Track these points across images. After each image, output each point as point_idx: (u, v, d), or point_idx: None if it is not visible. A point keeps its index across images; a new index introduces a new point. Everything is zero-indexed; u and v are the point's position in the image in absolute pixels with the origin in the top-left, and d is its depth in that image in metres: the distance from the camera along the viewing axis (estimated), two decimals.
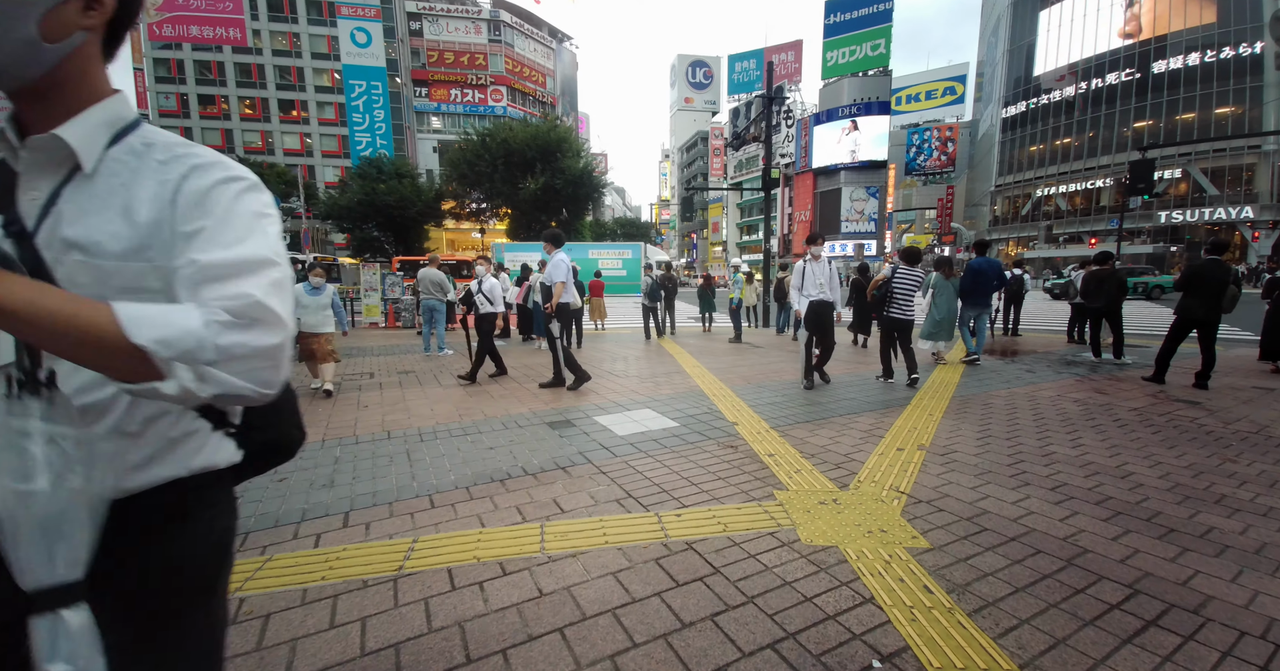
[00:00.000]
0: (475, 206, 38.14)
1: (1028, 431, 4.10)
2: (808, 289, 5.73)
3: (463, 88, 51.03)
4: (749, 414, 4.62)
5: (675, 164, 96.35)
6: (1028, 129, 45.57)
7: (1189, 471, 3.23)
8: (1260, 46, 31.05)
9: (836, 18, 56.23)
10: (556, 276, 5.51)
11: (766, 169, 13.50)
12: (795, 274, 5.83)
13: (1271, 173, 31.20)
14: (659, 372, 6.62)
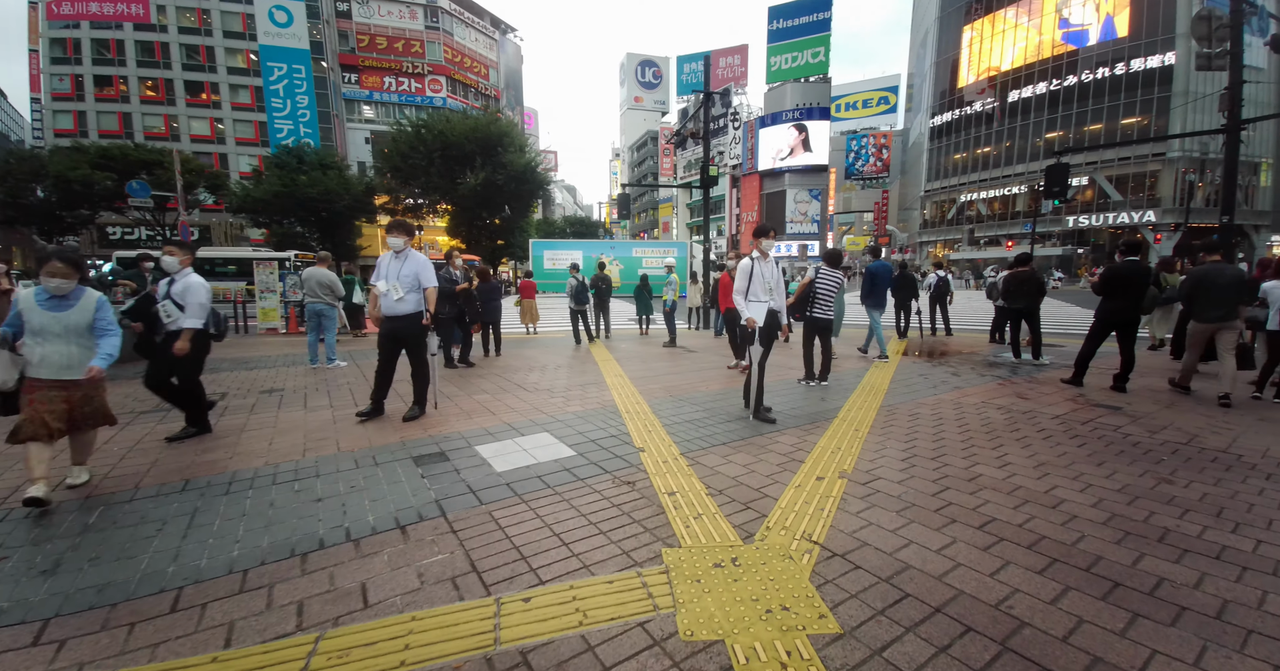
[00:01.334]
0: (412, 202, 35.97)
1: (953, 448, 3.77)
2: (755, 292, 4.59)
3: (398, 76, 48.18)
4: (660, 436, 4.06)
5: (626, 163, 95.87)
6: (953, 138, 48.32)
7: (1123, 496, 2.94)
8: (1171, 57, 33.93)
9: (779, 24, 57.62)
10: (426, 279, 4.58)
11: (705, 167, 13.14)
12: (740, 274, 4.62)
13: (1175, 179, 34.32)
14: (574, 385, 5.96)
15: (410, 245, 4.61)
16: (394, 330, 4.51)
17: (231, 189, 35.11)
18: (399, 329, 4.52)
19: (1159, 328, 8.32)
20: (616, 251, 29.88)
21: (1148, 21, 34.78)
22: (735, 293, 4.62)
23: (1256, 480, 3.13)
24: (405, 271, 4.52)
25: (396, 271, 4.49)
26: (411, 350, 4.63)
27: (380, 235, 49.09)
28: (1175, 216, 32.90)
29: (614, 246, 31.09)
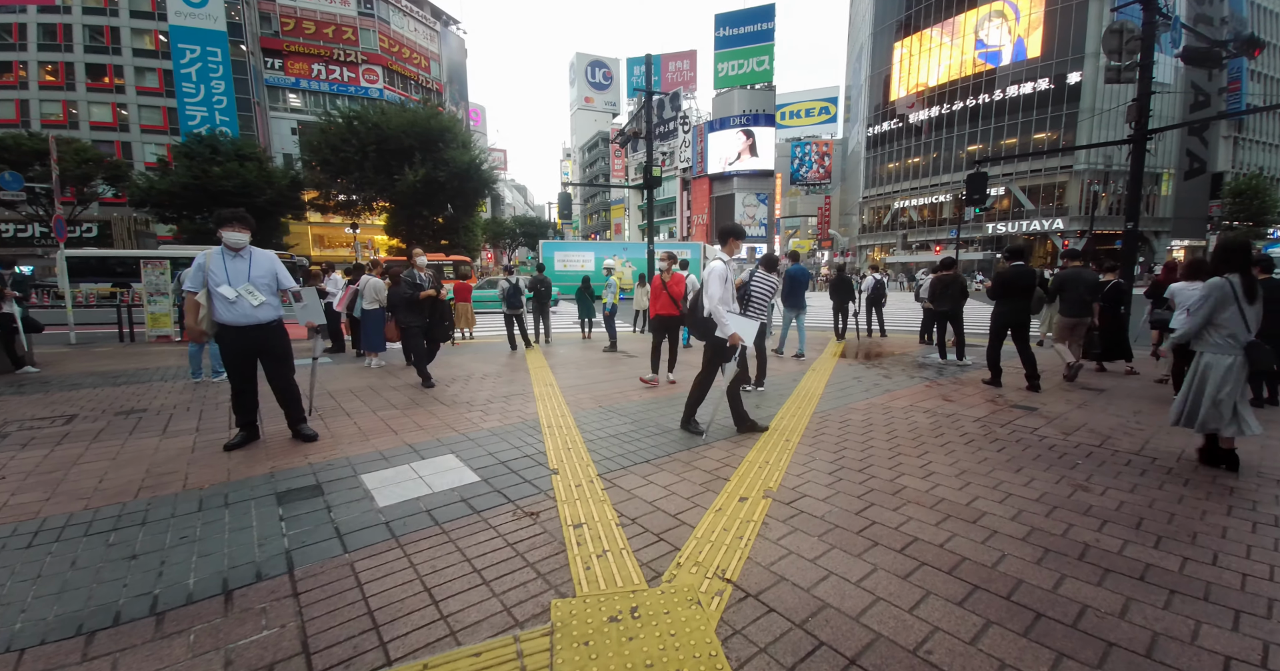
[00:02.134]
0: (345, 198, 33.73)
1: (880, 457, 3.65)
2: (727, 299, 4.00)
3: (328, 63, 45.21)
4: (580, 453, 3.71)
5: (577, 163, 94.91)
6: (887, 148, 50.94)
7: (1041, 507, 2.87)
8: (1079, 76, 37.08)
9: (725, 32, 58.78)
10: (286, 281, 4.00)
11: (648, 168, 12.93)
12: (716, 279, 3.93)
13: (1081, 189, 37.63)
14: (497, 396, 5.51)
15: None
16: (253, 342, 3.81)
17: (134, 180, 31.68)
18: (261, 340, 3.84)
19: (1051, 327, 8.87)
20: (629, 252, 29.01)
21: (1059, 43, 37.96)
22: (713, 300, 3.91)
23: (1174, 486, 3.16)
24: (259, 272, 3.84)
25: (244, 273, 3.78)
26: (277, 365, 3.97)
27: (311, 232, 46.07)
28: (1081, 224, 36.04)
29: (626, 247, 30.23)
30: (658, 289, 6.37)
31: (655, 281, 6.43)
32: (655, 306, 6.36)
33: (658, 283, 6.38)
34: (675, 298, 6.15)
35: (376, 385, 6.07)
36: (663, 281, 6.30)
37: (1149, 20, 8.05)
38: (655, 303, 6.36)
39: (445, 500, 2.91)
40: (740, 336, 3.85)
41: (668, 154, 65.72)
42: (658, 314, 6.33)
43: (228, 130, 36.92)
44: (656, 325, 6.39)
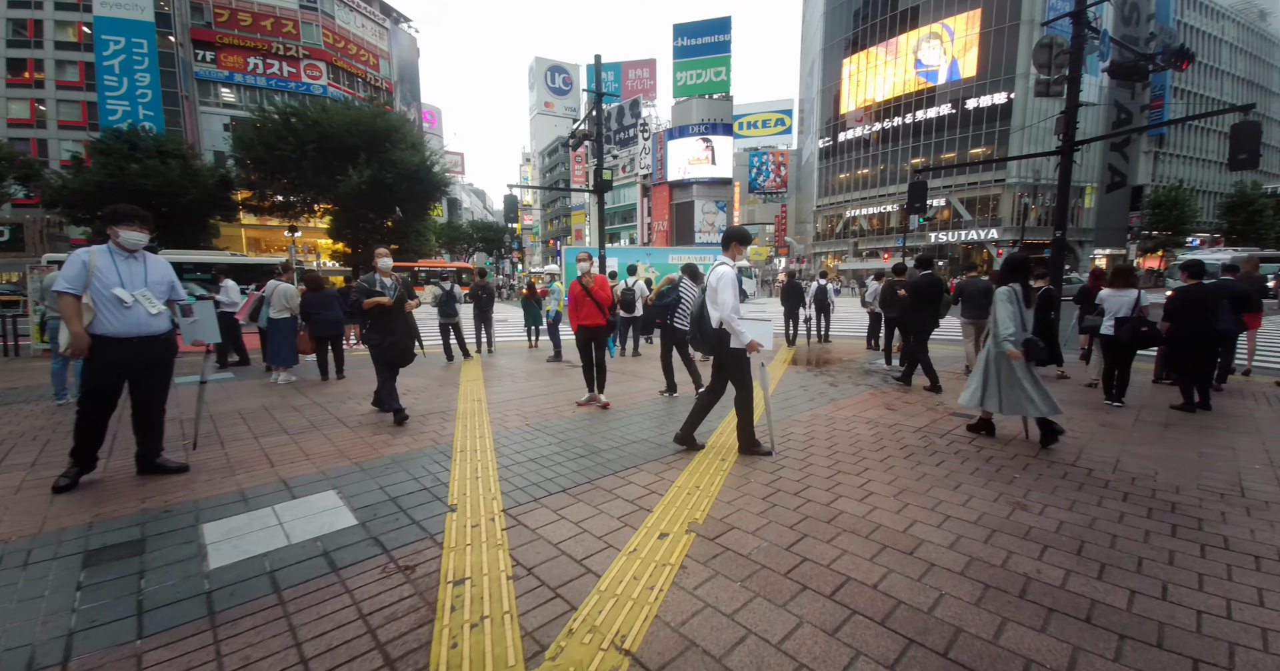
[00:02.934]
0: (281, 199, 31.67)
1: (818, 476, 3.39)
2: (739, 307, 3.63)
3: (266, 57, 42.75)
4: (490, 483, 3.27)
5: (537, 168, 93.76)
6: (838, 159, 52.77)
7: (980, 531, 2.65)
8: (1011, 95, 39.40)
9: (684, 42, 59.61)
10: (180, 291, 3.49)
11: (598, 170, 12.59)
12: (728, 286, 3.60)
13: (1013, 201, 39.94)
14: (415, 415, 4.97)
15: None
16: (139, 357, 3.23)
17: (46, 179, 28.71)
18: (150, 355, 3.28)
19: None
20: (652, 257, 28.50)
21: (992, 64, 40.35)
22: (725, 309, 3.57)
23: (1113, 502, 3.03)
24: (155, 277, 3.34)
25: (140, 276, 3.26)
26: (157, 385, 3.41)
27: (246, 235, 43.22)
28: (1014, 234, 38.23)
29: (650, 252, 29.59)
30: (578, 295, 5.27)
31: (574, 288, 5.29)
32: (578, 316, 5.33)
33: (577, 289, 5.29)
34: (601, 303, 5.25)
35: (275, 405, 5.39)
36: (584, 286, 5.26)
37: (1078, 34, 8.37)
38: (577, 312, 5.32)
39: (302, 554, 2.41)
40: (759, 343, 3.63)
41: (628, 161, 65.91)
42: (581, 325, 5.33)
43: (151, 125, 34.24)
44: (582, 338, 5.34)
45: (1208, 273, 5.62)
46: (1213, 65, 49.60)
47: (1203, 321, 4.98)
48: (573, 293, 5.33)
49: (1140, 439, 4.25)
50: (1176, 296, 5.19)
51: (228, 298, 7.22)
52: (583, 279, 5.32)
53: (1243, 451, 3.87)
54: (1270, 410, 5.14)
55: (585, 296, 5.25)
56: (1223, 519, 2.77)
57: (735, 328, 3.60)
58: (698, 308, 3.89)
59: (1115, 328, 5.18)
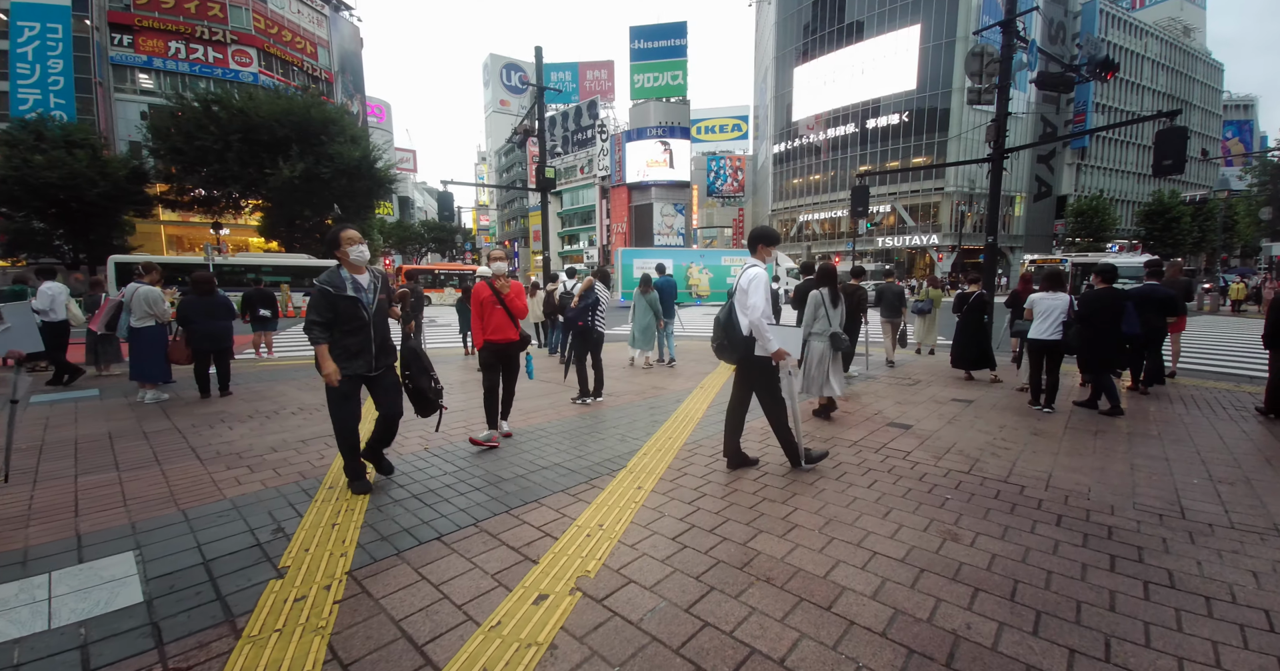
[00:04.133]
0: (202, 193, 29.12)
1: (740, 505, 3.02)
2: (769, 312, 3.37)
3: (189, 41, 39.61)
4: (347, 532, 2.70)
5: (493, 168, 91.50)
6: (792, 164, 54.01)
7: (907, 572, 2.32)
8: (948, 106, 41.25)
9: (640, 44, 59.64)
10: None
11: (541, 166, 12.01)
12: (759, 288, 3.35)
13: (950, 209, 41.93)
14: (293, 440, 4.30)
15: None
16: None
17: None
18: None
19: (926, 336, 9.21)
20: (706, 260, 27.66)
21: (930, 78, 42.27)
22: (755, 312, 3.32)
23: (1047, 527, 2.78)
24: None
25: None
26: None
27: (166, 233, 39.80)
28: (952, 239, 40.15)
29: (704, 255, 29.00)
30: (485, 301, 4.09)
31: (480, 292, 4.11)
32: (483, 328, 4.12)
33: (485, 293, 4.09)
34: (516, 314, 4.15)
35: (125, 431, 4.56)
36: (496, 291, 4.08)
37: (1007, 43, 8.52)
38: (483, 323, 4.12)
39: (55, 646, 1.80)
40: (786, 351, 3.39)
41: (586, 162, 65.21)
42: (488, 340, 4.11)
43: (62, 114, 31.05)
44: (488, 357, 4.14)
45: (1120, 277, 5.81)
46: (1134, 81, 53.80)
47: (1113, 324, 5.11)
48: (478, 298, 4.12)
49: (1071, 449, 4.12)
50: (1087, 300, 5.28)
51: (48, 304, 6.17)
52: (495, 281, 4.15)
53: (1176, 463, 3.78)
54: (1199, 414, 5.19)
55: (495, 303, 4.10)
56: (1165, 547, 2.56)
57: (764, 334, 3.34)
58: (725, 312, 3.57)
59: (1063, 332, 5.16)
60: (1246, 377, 7.39)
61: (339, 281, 3.06)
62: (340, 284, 3.06)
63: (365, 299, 3.11)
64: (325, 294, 3.02)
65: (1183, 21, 63.48)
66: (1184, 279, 7.10)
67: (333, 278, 3.07)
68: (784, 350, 3.38)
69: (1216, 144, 59.70)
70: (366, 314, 3.12)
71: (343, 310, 3.05)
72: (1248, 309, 20.30)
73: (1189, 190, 44.40)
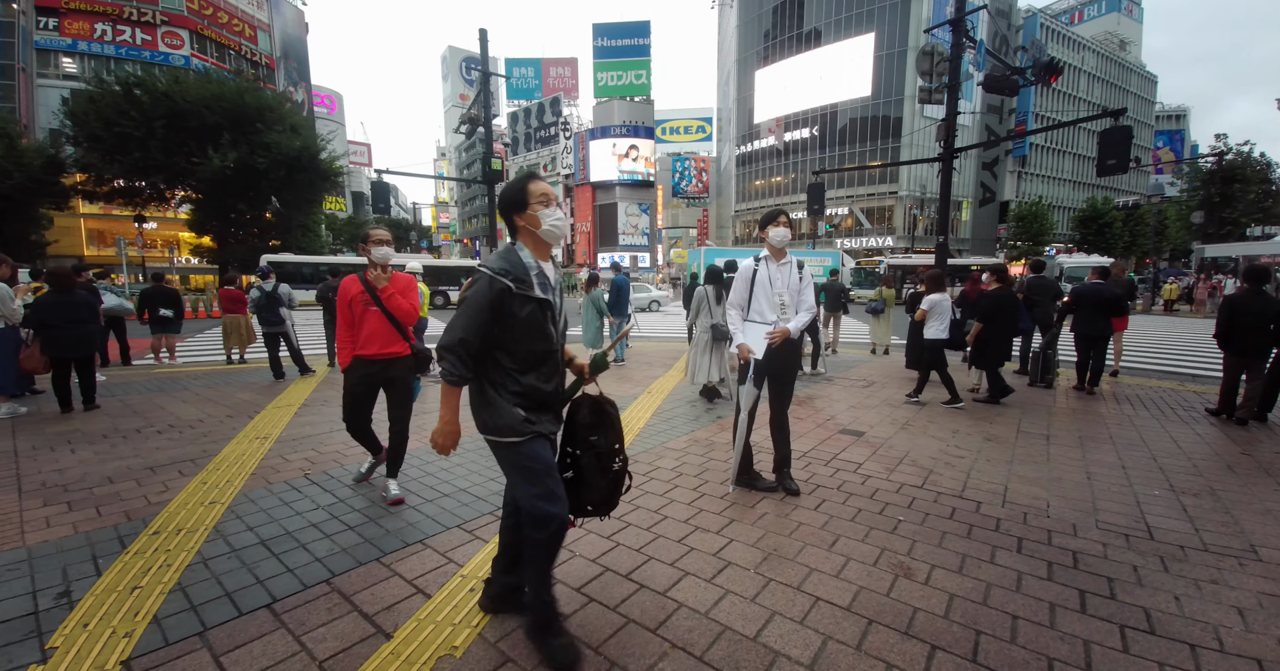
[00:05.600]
0: (122, 183, 26.65)
1: (668, 541, 2.56)
2: (761, 308, 3.06)
3: (116, 22, 36.57)
4: (149, 598, 2.09)
5: (453, 163, 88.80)
6: (754, 166, 54.64)
7: (853, 626, 1.91)
8: (900, 112, 42.48)
9: (604, 42, 59.09)
10: None
11: (486, 157, 11.33)
12: (739, 279, 3.14)
13: (903, 212, 43.27)
14: (139, 467, 3.58)
15: None
16: None
17: None
18: None
19: (881, 336, 9.16)
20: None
21: (884, 85, 43.51)
22: (729, 304, 3.19)
23: (1007, 554, 2.44)
24: None
25: None
26: None
27: (86, 227, 36.54)
28: (905, 241, 41.43)
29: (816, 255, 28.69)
30: (356, 301, 2.94)
31: (350, 287, 2.95)
32: (353, 340, 2.97)
33: (355, 289, 2.94)
34: (400, 318, 2.98)
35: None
36: (369, 287, 2.94)
37: (956, 42, 8.47)
38: (353, 332, 2.97)
39: None
40: (750, 349, 2.99)
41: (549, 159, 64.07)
42: (359, 357, 2.97)
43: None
44: (358, 379, 3.02)
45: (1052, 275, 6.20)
46: (1071, 93, 57.03)
47: (1009, 321, 5.59)
48: (345, 296, 2.93)
49: (1024, 456, 3.88)
50: (988, 299, 5.61)
51: None
52: (370, 275, 2.96)
53: (1134, 471, 3.57)
54: (1149, 415, 5.10)
55: (369, 304, 2.93)
56: (1136, 577, 2.25)
57: (732, 327, 3.16)
58: None
59: (950, 331, 5.55)
60: (1188, 376, 7.54)
61: (523, 271, 1.67)
62: (525, 275, 1.66)
63: (556, 306, 1.78)
64: (501, 290, 1.61)
65: (1120, 35, 67.78)
66: (1127, 278, 7.16)
67: (512, 263, 1.66)
68: (745, 346, 3.02)
69: (1149, 153, 64.00)
70: (555, 331, 1.78)
71: (524, 321, 1.65)
72: (1180, 308, 21.56)
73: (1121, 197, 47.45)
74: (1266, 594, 2.13)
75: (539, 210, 1.72)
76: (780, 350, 3.01)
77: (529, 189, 1.73)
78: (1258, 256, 19.74)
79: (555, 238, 1.77)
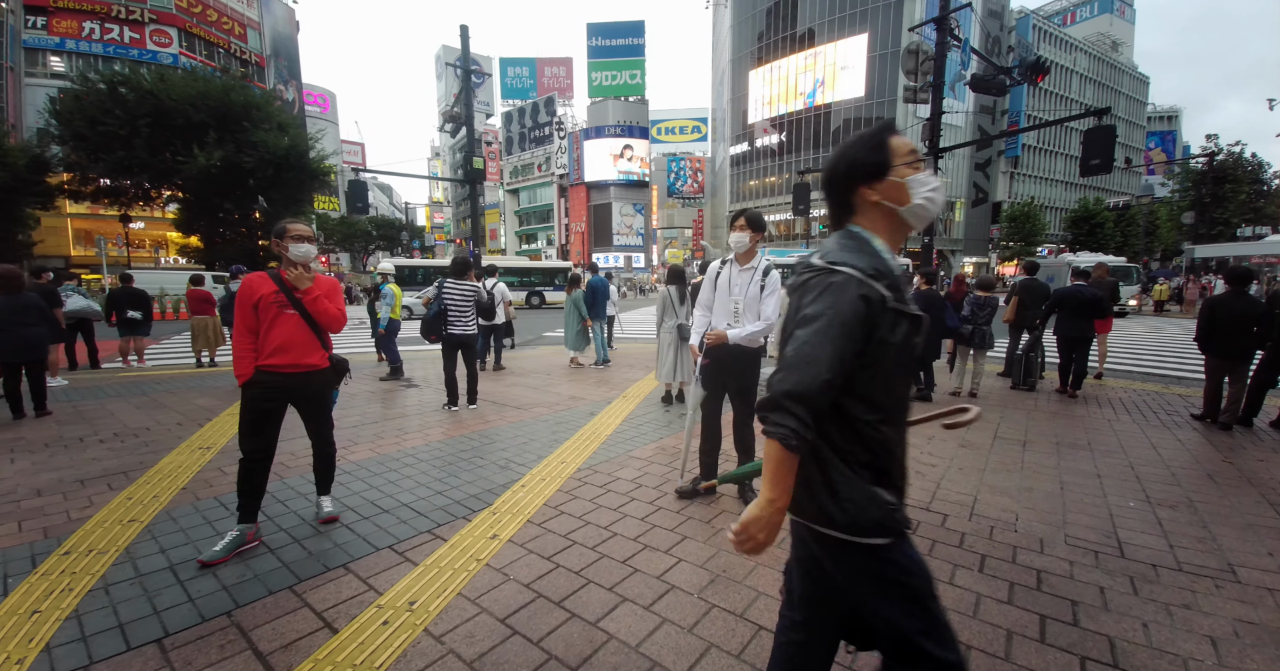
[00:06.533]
0: (107, 183, 26.30)
1: (612, 558, 2.41)
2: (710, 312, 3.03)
3: (105, 21, 36.36)
4: (45, 623, 1.91)
5: (447, 164, 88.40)
6: (748, 166, 54.57)
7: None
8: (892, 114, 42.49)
9: (598, 42, 58.93)
10: None
11: (469, 156, 11.15)
12: (705, 279, 3.12)
13: None
14: (71, 479, 3.39)
15: None
16: None
17: None
18: None
19: None
20: None
21: (877, 85, 43.52)
22: (697, 303, 3.16)
23: (968, 573, 2.29)
24: None
25: None
26: None
27: (73, 227, 36.12)
28: None
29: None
30: (265, 303, 2.54)
31: (257, 287, 2.56)
32: (260, 346, 2.56)
33: (263, 289, 2.55)
34: (324, 324, 2.66)
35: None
36: (288, 293, 2.58)
37: (941, 41, 8.35)
38: (261, 337, 2.56)
39: None
40: (696, 350, 3.05)
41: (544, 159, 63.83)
42: (262, 368, 2.54)
43: None
44: (259, 397, 2.56)
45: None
46: (1064, 94, 57.20)
47: (936, 320, 5.74)
48: (249, 296, 2.52)
49: (998, 464, 3.75)
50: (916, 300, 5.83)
51: None
52: (288, 274, 2.58)
53: (1109, 480, 3.44)
54: (1130, 420, 4.98)
55: (283, 307, 2.55)
56: (1103, 601, 2.11)
57: (695, 325, 3.16)
58: None
59: None
60: (1174, 378, 7.43)
61: (896, 278, 1.09)
62: (897, 282, 1.09)
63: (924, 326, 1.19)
64: (875, 302, 1.04)
65: (1112, 36, 68.05)
66: (1110, 280, 7.05)
67: (879, 262, 1.09)
68: (694, 347, 3.06)
69: (1140, 154, 64.31)
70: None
71: (896, 349, 1.07)
72: (1170, 309, 21.55)
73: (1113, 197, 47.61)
74: (1243, 621, 1.98)
75: (907, 177, 1.11)
76: (732, 356, 2.91)
77: (891, 145, 1.12)
78: (1248, 257, 19.77)
79: (926, 218, 1.17)
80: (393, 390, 6.42)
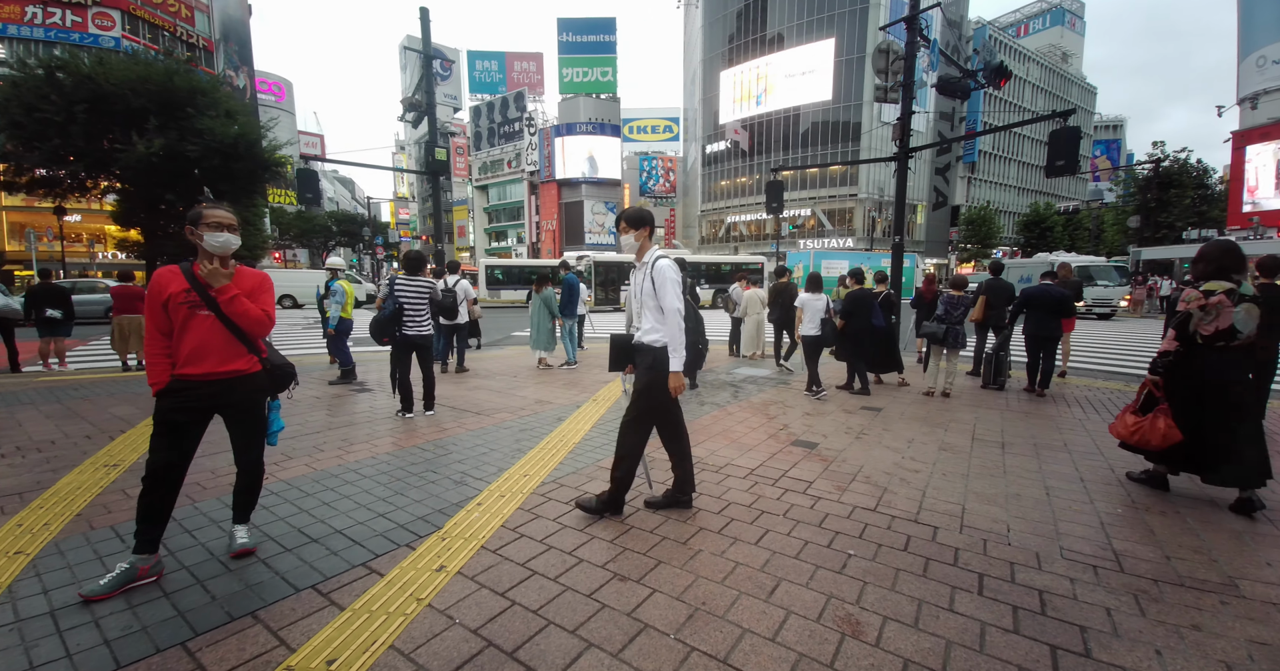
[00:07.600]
0: (44, 173, 24.22)
1: (577, 591, 2.12)
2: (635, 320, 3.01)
3: (48, 5, 33.96)
4: None
5: (412, 158, 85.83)
6: (719, 167, 54.88)
7: None
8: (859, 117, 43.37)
9: (569, 37, 58.23)
10: None
11: (431, 146, 10.62)
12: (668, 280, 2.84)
13: (863, 214, 44.26)
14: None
15: None
16: None
17: None
18: None
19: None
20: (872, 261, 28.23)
21: (844, 89, 44.40)
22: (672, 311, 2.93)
23: (967, 596, 2.10)
24: None
25: None
26: None
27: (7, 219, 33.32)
28: (865, 243, 42.38)
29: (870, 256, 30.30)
30: (175, 303, 2.16)
31: (165, 284, 2.17)
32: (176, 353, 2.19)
33: (173, 287, 2.17)
34: (245, 327, 2.25)
35: None
36: (200, 291, 2.19)
37: (911, 41, 8.36)
38: (176, 342, 2.19)
39: None
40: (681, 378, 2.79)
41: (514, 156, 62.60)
42: (181, 377, 2.17)
43: None
44: (173, 408, 2.16)
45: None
46: (1017, 103, 59.69)
47: (865, 318, 6.04)
48: (157, 296, 2.16)
49: (981, 468, 3.63)
50: (846, 299, 6.25)
51: None
52: (202, 269, 2.17)
53: (1093, 485, 3.35)
54: (1099, 418, 4.98)
55: (199, 308, 2.18)
56: (1112, 625, 1.94)
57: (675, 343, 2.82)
58: None
59: (820, 328, 5.96)
60: (1134, 377, 7.62)
61: None
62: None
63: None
64: None
65: (1062, 48, 71.48)
66: (1075, 280, 7.18)
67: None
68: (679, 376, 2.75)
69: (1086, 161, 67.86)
70: None
71: None
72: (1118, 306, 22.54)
73: (1062, 202, 49.96)
74: (1257, 642, 1.85)
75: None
76: (641, 363, 2.82)
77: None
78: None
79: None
80: (342, 395, 5.93)
